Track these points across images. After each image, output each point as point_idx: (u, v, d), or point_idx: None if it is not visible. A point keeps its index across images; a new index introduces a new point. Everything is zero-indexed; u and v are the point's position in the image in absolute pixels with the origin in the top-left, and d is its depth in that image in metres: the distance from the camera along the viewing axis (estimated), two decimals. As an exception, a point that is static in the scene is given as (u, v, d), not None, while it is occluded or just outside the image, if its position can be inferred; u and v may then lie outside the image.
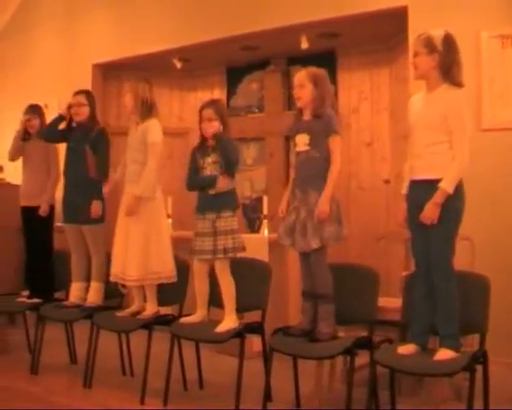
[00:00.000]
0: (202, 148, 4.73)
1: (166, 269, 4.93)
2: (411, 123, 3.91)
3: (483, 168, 5.18)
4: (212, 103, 4.74)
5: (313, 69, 4.32)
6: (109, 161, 5.36)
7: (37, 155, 5.93)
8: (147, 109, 4.98)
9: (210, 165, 4.65)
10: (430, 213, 3.69)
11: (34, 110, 6.01)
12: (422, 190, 3.76)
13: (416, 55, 3.83)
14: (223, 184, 4.56)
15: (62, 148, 5.68)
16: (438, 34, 3.77)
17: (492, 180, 5.33)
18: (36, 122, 5.98)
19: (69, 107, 5.46)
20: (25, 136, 6.04)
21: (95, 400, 4.77)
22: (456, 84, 3.77)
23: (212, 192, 4.58)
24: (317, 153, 4.19)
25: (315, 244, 4.09)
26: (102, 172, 5.32)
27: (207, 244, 4.59)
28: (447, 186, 3.67)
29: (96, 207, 5.27)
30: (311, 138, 4.21)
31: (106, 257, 5.32)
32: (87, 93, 5.57)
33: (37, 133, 5.96)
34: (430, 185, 3.71)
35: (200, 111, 4.70)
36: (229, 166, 4.57)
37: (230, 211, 4.59)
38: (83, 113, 5.44)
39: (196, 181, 4.71)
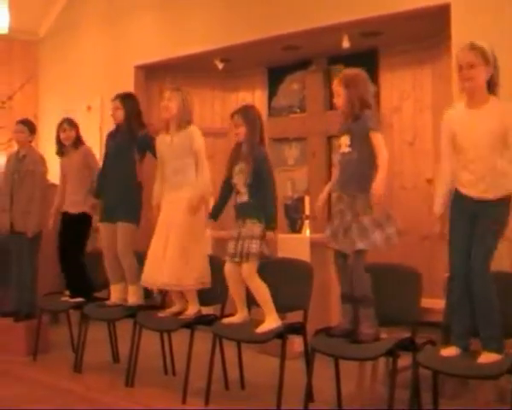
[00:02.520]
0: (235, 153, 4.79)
1: (203, 275, 4.96)
2: (459, 140, 3.77)
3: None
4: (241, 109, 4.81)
5: (345, 73, 4.28)
6: None
7: (75, 165, 6.02)
8: (187, 121, 5.03)
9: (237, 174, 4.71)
10: None
11: (70, 123, 6.10)
12: (480, 208, 3.70)
13: (472, 66, 3.66)
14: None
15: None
16: (487, 46, 3.67)
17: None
18: (72, 134, 6.07)
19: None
20: (60, 150, 6.13)
21: (137, 399, 4.80)
22: (497, 95, 3.70)
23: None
24: (356, 154, 4.15)
25: (362, 245, 4.04)
26: None
27: (231, 247, 4.65)
28: None
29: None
30: (352, 140, 4.17)
31: (135, 258, 5.38)
32: (122, 97, 5.61)
33: (70, 145, 6.07)
34: (491, 204, 3.68)
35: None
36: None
37: (254, 219, 4.60)
38: (118, 116, 5.52)
39: None
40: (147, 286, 5.09)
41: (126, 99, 5.59)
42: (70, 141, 6.07)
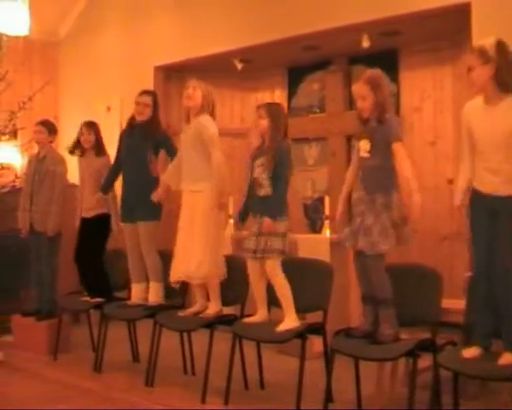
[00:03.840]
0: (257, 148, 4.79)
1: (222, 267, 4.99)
2: (476, 137, 3.76)
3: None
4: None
5: (369, 74, 4.20)
6: None
7: (92, 169, 6.06)
8: (209, 112, 5.04)
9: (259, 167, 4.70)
10: None
11: (90, 126, 6.13)
12: (498, 204, 3.66)
13: (470, 69, 3.67)
14: None
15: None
16: (489, 43, 3.63)
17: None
18: (92, 138, 6.11)
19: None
20: (77, 151, 6.18)
21: (156, 398, 4.81)
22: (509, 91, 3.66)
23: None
24: (376, 161, 4.10)
25: (385, 247, 4.01)
26: None
27: (252, 243, 4.63)
28: None
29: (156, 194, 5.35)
30: (372, 145, 4.12)
31: (159, 256, 5.39)
32: (153, 94, 5.63)
33: (91, 148, 6.11)
34: (508, 200, 3.63)
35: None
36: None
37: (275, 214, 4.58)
38: (146, 113, 5.49)
39: None
40: (175, 280, 5.07)
41: (155, 97, 5.61)
42: (89, 144, 6.11)
